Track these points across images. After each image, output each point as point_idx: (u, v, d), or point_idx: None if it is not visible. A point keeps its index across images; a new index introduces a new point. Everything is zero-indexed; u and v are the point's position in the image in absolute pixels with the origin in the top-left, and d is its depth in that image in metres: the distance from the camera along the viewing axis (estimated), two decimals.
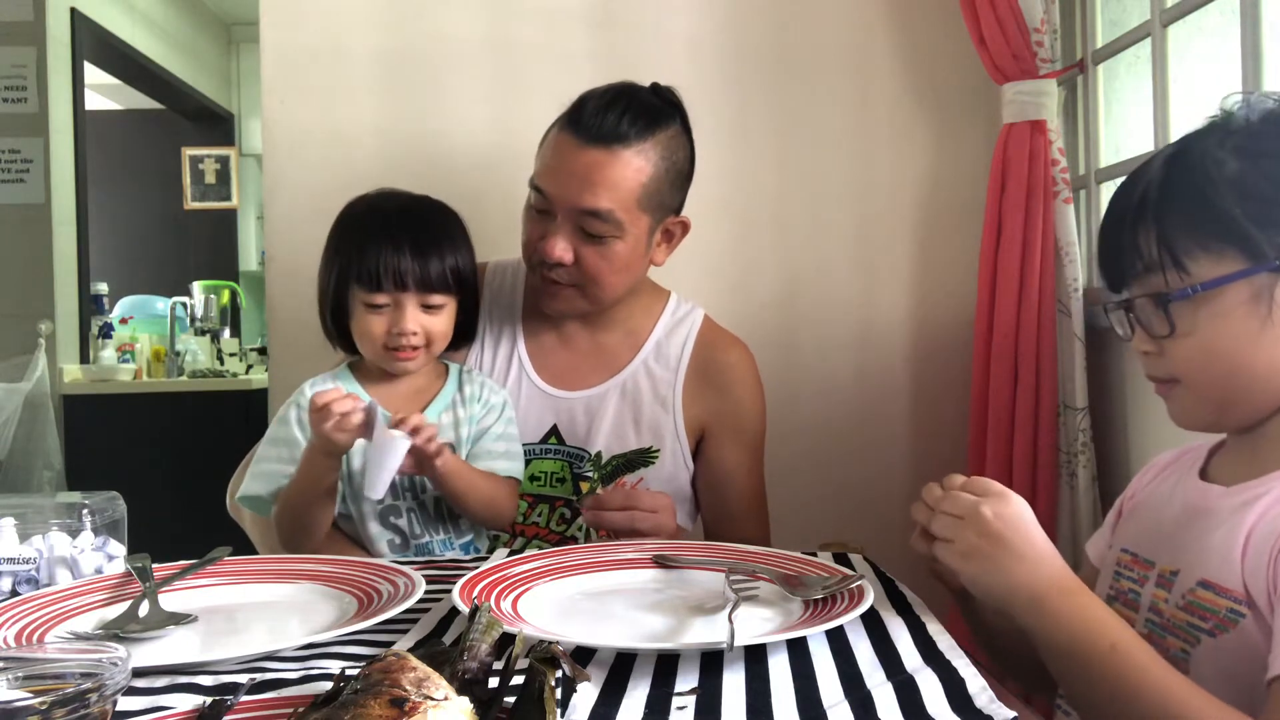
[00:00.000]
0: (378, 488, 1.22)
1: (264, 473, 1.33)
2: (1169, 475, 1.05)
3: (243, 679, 0.78)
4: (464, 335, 1.42)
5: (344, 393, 1.21)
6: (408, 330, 1.30)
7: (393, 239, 1.29)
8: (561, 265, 1.40)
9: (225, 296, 4.97)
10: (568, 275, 1.41)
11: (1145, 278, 0.94)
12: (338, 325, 1.36)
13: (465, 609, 0.89)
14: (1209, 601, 0.89)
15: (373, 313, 1.30)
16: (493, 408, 1.40)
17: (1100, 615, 0.86)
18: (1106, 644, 0.83)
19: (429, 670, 0.60)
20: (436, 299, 1.32)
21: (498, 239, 1.48)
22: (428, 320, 1.32)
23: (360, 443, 1.25)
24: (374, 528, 1.34)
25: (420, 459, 1.24)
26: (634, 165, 1.38)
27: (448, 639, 0.90)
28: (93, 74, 4.31)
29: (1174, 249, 0.91)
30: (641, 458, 1.50)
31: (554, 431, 1.51)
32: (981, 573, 0.89)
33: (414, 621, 0.95)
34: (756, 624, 0.89)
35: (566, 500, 1.49)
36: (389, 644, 0.88)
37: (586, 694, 0.74)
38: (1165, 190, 0.92)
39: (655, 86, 1.46)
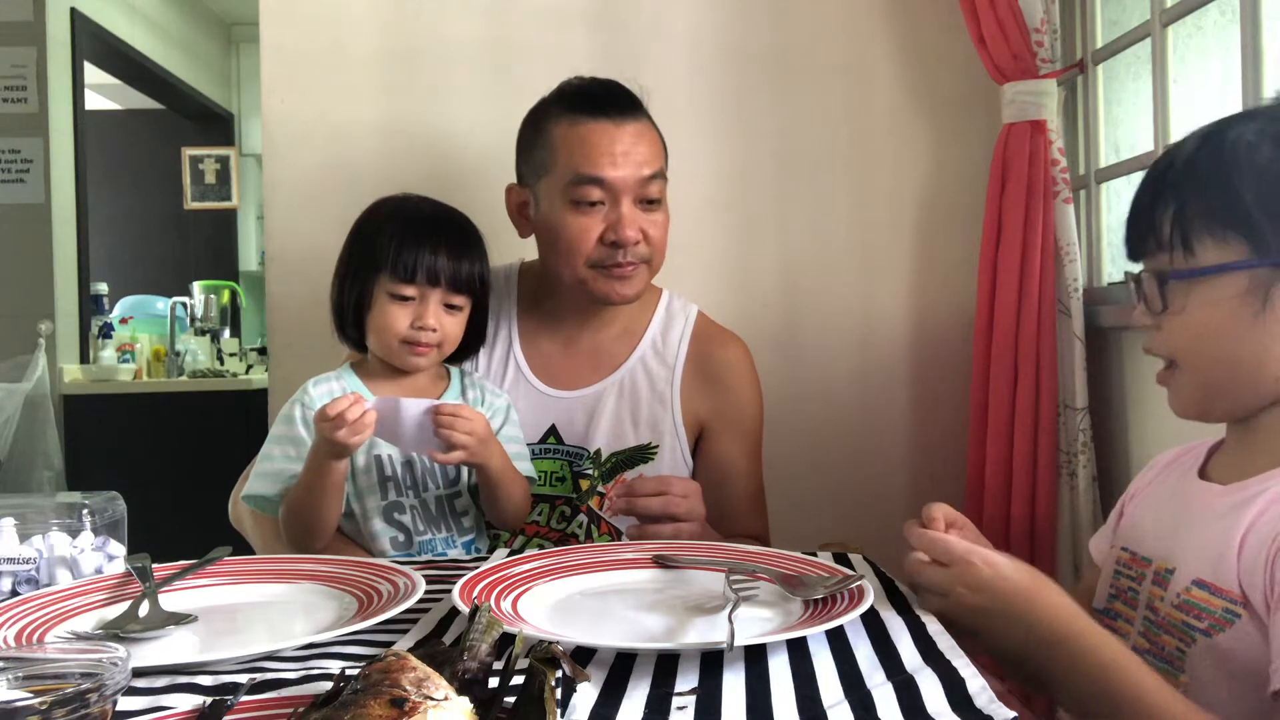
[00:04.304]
0: (422, 445, 1.26)
1: (270, 472, 1.33)
2: (1169, 474, 1.05)
3: (243, 679, 0.78)
4: (470, 347, 1.43)
5: (351, 400, 1.21)
6: (429, 325, 1.32)
7: (431, 236, 1.33)
8: (636, 244, 1.43)
9: (225, 296, 4.97)
10: (637, 254, 1.44)
11: (1156, 254, 0.95)
12: (356, 319, 1.36)
13: (465, 609, 0.89)
14: (1204, 601, 0.88)
15: (398, 304, 1.33)
16: (497, 410, 1.41)
17: (1104, 659, 0.85)
18: (1100, 673, 0.84)
19: (429, 670, 0.60)
20: (459, 299, 1.35)
21: (497, 239, 1.47)
22: (446, 319, 1.35)
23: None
24: (377, 525, 1.34)
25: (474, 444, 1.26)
26: (654, 130, 1.49)
27: (448, 639, 0.90)
28: (93, 74, 4.31)
29: (1186, 230, 0.91)
30: (641, 454, 1.50)
31: (552, 431, 1.51)
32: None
33: (414, 621, 0.95)
34: (756, 624, 0.89)
35: (566, 498, 1.49)
36: (389, 644, 0.88)
37: (586, 694, 0.74)
38: (1190, 169, 0.92)
39: None
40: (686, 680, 0.77)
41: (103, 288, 4.31)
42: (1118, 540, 1.06)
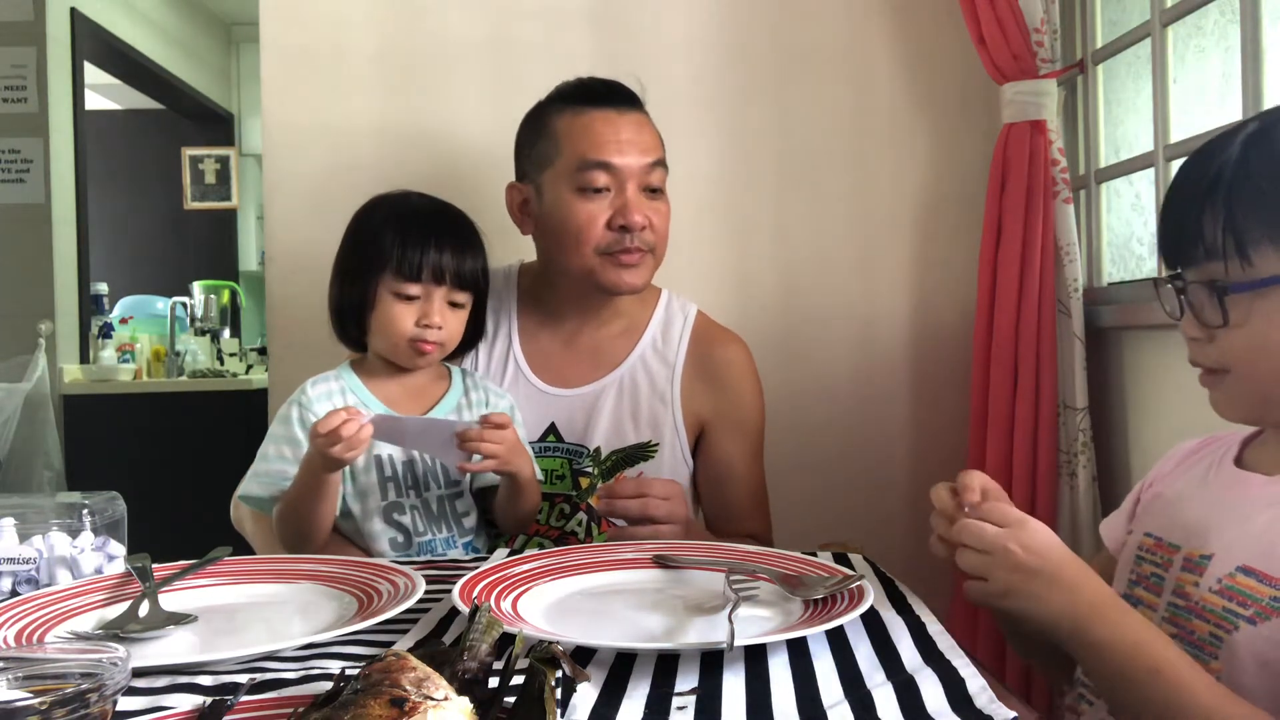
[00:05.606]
0: (447, 457, 1.28)
1: (266, 473, 1.33)
2: (1195, 463, 1.04)
3: (243, 679, 0.78)
4: (467, 343, 1.43)
5: (344, 416, 1.19)
6: (434, 322, 1.33)
7: (434, 234, 1.34)
8: (642, 230, 1.44)
9: (225, 296, 4.97)
10: (643, 240, 1.45)
11: (1205, 263, 0.90)
12: (358, 318, 1.36)
13: (465, 609, 0.89)
14: (1251, 588, 0.88)
15: (402, 303, 1.33)
16: (501, 412, 1.40)
17: (1142, 636, 0.84)
18: (1150, 666, 0.82)
19: (429, 670, 0.60)
20: (461, 296, 1.36)
21: (497, 239, 1.48)
22: (450, 316, 1.35)
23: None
24: (377, 525, 1.34)
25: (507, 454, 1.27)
26: (652, 123, 1.51)
27: (448, 639, 0.90)
28: (93, 74, 4.31)
29: (1240, 237, 0.87)
30: (641, 452, 1.50)
31: (552, 429, 1.51)
32: (1022, 608, 0.87)
33: (414, 621, 0.95)
34: (756, 624, 0.89)
35: (566, 496, 1.50)
36: (389, 644, 0.88)
37: (586, 694, 0.74)
38: (1241, 173, 0.88)
39: None
40: (686, 680, 0.77)
41: (103, 288, 4.31)
42: (1138, 527, 1.05)
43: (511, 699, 0.66)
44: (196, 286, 4.87)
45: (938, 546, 0.95)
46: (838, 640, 0.86)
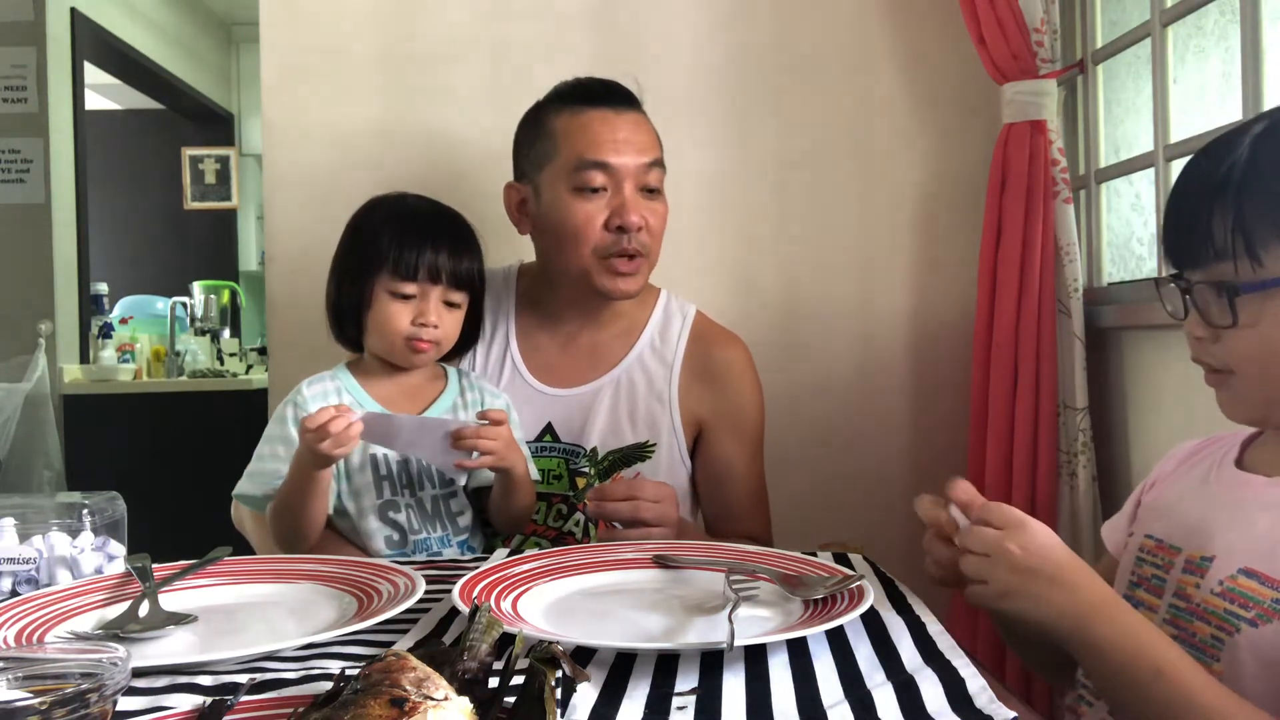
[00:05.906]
0: (443, 460, 1.28)
1: (261, 472, 1.34)
2: (1195, 465, 1.04)
3: (243, 679, 0.78)
4: (464, 343, 1.44)
5: (333, 412, 1.20)
6: (430, 321, 1.33)
7: (431, 234, 1.35)
8: (639, 231, 1.44)
9: (225, 296, 4.97)
10: (639, 241, 1.45)
11: (1214, 264, 0.89)
12: (354, 319, 1.37)
13: (465, 609, 0.89)
14: (1253, 590, 0.87)
15: (399, 302, 1.34)
16: (498, 409, 1.41)
17: (1144, 636, 0.84)
18: (1152, 667, 0.82)
19: (429, 670, 0.60)
20: (457, 296, 1.36)
21: (497, 239, 1.48)
22: (446, 316, 1.36)
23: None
24: (372, 523, 1.34)
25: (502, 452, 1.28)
26: (650, 123, 1.51)
27: (448, 639, 0.90)
28: (93, 74, 4.31)
29: (1250, 237, 0.86)
30: (638, 452, 1.50)
31: (549, 429, 1.51)
32: (1022, 609, 0.87)
33: (414, 621, 0.95)
34: (756, 624, 0.89)
35: (563, 496, 1.50)
36: (389, 644, 0.88)
37: (586, 694, 0.74)
38: (1251, 172, 0.87)
39: None
40: (686, 680, 0.77)
41: (103, 288, 4.31)
42: (1139, 529, 1.05)
43: (511, 699, 0.66)
44: (196, 286, 4.87)
45: (933, 569, 0.95)
46: (838, 640, 0.86)
